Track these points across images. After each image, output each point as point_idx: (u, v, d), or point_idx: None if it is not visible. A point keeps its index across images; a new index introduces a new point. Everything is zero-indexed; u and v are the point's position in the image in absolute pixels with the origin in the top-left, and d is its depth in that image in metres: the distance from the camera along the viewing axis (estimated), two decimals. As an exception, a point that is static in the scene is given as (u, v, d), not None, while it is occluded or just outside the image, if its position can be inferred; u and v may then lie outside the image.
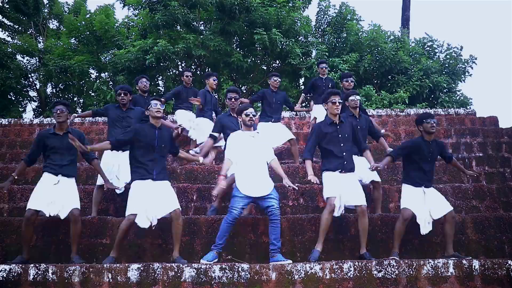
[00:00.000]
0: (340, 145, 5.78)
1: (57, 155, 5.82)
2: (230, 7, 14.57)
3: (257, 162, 5.57)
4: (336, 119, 5.88)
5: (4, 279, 4.84)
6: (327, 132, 5.83)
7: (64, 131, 5.89)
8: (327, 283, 4.81)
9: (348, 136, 5.85)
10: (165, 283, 4.79)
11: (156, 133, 5.64)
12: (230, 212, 5.37)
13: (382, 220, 5.96)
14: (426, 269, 4.87)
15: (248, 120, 5.72)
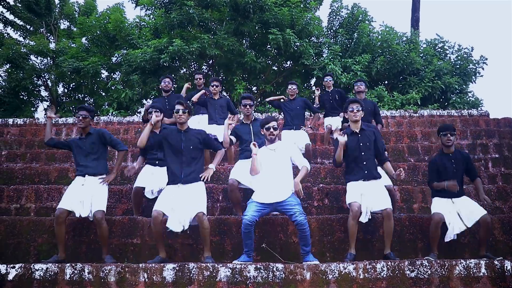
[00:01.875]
0: (361, 154, 5.84)
1: (81, 156, 5.95)
2: (244, 6, 14.62)
3: (275, 173, 5.59)
4: (356, 128, 5.95)
5: (41, 278, 4.89)
6: (347, 141, 5.88)
7: (86, 133, 6.02)
8: (361, 283, 4.83)
9: (369, 144, 5.90)
10: (200, 283, 4.82)
11: (183, 137, 5.71)
12: (243, 220, 5.35)
13: (410, 220, 6.00)
14: (458, 269, 4.89)
15: (268, 135, 5.78)
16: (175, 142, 5.65)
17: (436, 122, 11.33)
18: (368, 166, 5.81)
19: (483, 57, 16.22)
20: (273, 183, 5.51)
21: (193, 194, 5.56)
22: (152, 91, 15.03)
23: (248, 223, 5.30)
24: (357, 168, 5.83)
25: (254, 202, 5.47)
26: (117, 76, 17.57)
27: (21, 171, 8.17)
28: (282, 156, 5.71)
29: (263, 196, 5.47)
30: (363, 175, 5.78)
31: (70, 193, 5.73)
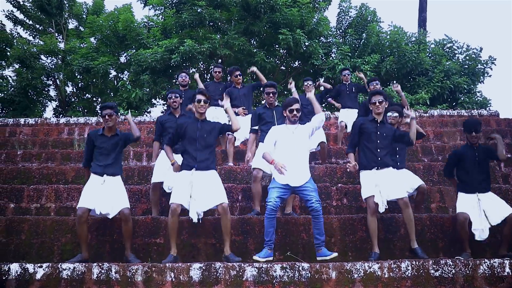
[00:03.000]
0: (377, 142, 5.88)
1: (102, 155, 5.93)
2: (255, 6, 14.66)
3: (294, 155, 5.64)
4: (378, 118, 6.01)
5: (68, 277, 4.95)
6: (365, 127, 5.97)
7: (112, 133, 6.01)
8: (386, 282, 4.88)
9: (386, 135, 5.94)
10: (227, 282, 4.87)
11: (199, 125, 5.83)
12: (267, 206, 5.42)
13: (431, 220, 6.04)
14: (482, 269, 4.93)
15: (292, 117, 5.81)
16: (191, 131, 5.77)
17: (446, 122, 11.35)
18: (382, 155, 5.85)
19: (491, 57, 16.26)
20: (292, 165, 5.53)
21: (211, 183, 5.62)
22: (162, 91, 15.06)
23: (272, 207, 5.36)
24: (371, 155, 5.86)
25: (275, 186, 5.51)
26: (126, 76, 17.62)
27: (38, 170, 8.21)
28: (301, 138, 5.76)
29: (284, 178, 5.49)
30: (377, 162, 5.82)
31: (89, 192, 5.74)
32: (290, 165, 5.54)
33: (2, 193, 7.29)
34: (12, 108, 16.88)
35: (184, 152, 5.81)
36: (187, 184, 5.56)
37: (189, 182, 5.57)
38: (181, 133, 5.82)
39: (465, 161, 5.95)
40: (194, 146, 5.73)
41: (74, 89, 18.77)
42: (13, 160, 9.25)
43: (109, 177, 5.86)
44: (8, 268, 4.98)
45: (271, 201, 5.39)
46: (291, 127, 5.82)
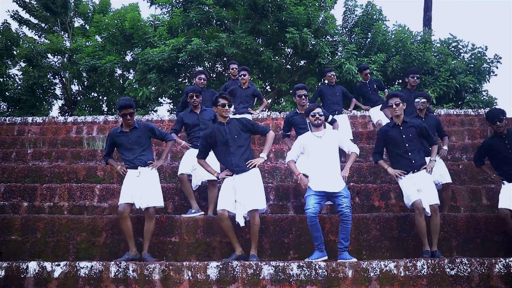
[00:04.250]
0: (405, 146, 5.90)
1: (128, 151, 5.97)
2: (262, 5, 14.68)
3: (326, 160, 5.66)
4: (398, 121, 6.01)
5: (86, 275, 4.99)
6: (390, 135, 6.00)
7: (131, 127, 6.03)
8: (402, 280, 4.91)
9: (412, 135, 5.95)
10: (244, 281, 4.91)
11: (226, 128, 5.79)
12: (306, 213, 5.45)
13: (444, 219, 6.04)
14: (498, 268, 4.94)
15: (314, 120, 5.86)
16: (221, 137, 5.75)
17: (454, 121, 11.35)
18: (414, 156, 5.88)
19: (497, 56, 16.25)
20: (326, 172, 5.59)
21: (249, 186, 5.60)
22: (169, 90, 15.08)
23: (312, 215, 5.38)
24: (403, 160, 5.89)
25: (313, 194, 5.53)
26: (132, 75, 17.64)
27: (49, 169, 8.24)
28: (330, 143, 5.78)
29: (320, 185, 5.54)
30: (411, 166, 5.84)
31: (127, 187, 5.80)
32: (324, 171, 5.60)
33: (16, 191, 7.33)
34: (18, 106, 16.91)
35: (220, 160, 5.87)
36: (231, 190, 5.60)
37: (232, 187, 5.61)
38: (211, 142, 5.80)
39: (497, 151, 5.97)
40: (227, 151, 5.73)
41: (80, 87, 18.79)
42: (23, 159, 9.28)
43: (143, 168, 5.90)
44: (27, 266, 5.03)
45: (309, 208, 5.42)
46: (318, 133, 5.85)
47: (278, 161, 8.78)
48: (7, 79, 17.26)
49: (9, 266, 5.03)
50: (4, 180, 8.05)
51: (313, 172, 5.67)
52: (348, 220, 5.39)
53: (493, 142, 6.03)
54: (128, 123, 5.96)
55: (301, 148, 5.89)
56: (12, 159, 9.28)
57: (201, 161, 5.91)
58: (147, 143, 6.09)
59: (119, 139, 6.02)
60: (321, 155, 5.69)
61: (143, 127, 6.08)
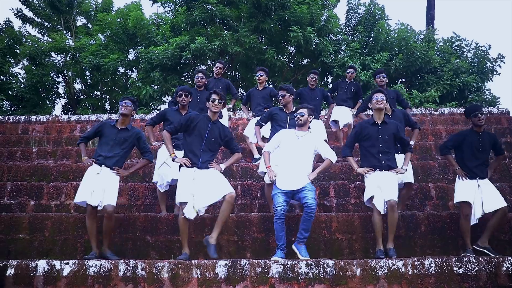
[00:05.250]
0: (379, 146, 5.90)
1: (107, 146, 5.91)
2: (266, 4, 14.69)
3: (296, 160, 5.73)
4: (379, 119, 6.02)
5: (95, 274, 4.99)
6: (367, 132, 5.99)
7: (123, 126, 6.01)
8: (410, 279, 4.91)
9: (388, 138, 5.93)
10: (253, 279, 4.92)
11: (210, 126, 5.76)
12: (274, 211, 5.53)
13: (451, 217, 6.06)
14: (506, 266, 4.94)
15: (296, 120, 5.94)
16: (201, 129, 5.72)
17: (457, 120, 11.37)
18: (384, 158, 5.86)
19: (500, 55, 16.26)
20: (293, 171, 5.67)
21: (214, 178, 5.59)
22: (172, 88, 15.08)
23: (282, 212, 5.46)
24: (373, 159, 5.89)
25: (278, 192, 5.61)
26: (135, 74, 17.66)
27: (55, 168, 8.26)
28: (306, 145, 5.84)
29: (283, 184, 5.61)
30: (380, 166, 5.84)
31: (85, 184, 5.76)
32: (291, 169, 5.68)
33: (22, 190, 7.36)
34: (21, 105, 16.95)
35: (188, 149, 5.75)
36: (190, 182, 5.55)
37: (191, 180, 5.56)
38: (190, 126, 5.73)
39: (469, 145, 5.98)
40: (200, 145, 5.69)
41: (83, 86, 18.82)
42: (28, 157, 9.30)
43: (106, 169, 5.82)
44: (36, 265, 5.03)
45: (279, 206, 5.49)
46: (299, 133, 5.91)
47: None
48: (10, 78, 17.30)
49: (18, 265, 5.04)
50: (10, 178, 8.08)
51: (281, 169, 5.74)
52: (312, 212, 5.41)
53: (469, 135, 6.03)
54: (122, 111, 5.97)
55: (279, 142, 5.95)
56: (18, 157, 9.29)
57: (167, 135, 5.80)
58: (127, 149, 6.03)
59: (107, 130, 5.95)
60: (293, 154, 5.76)
61: (133, 132, 6.02)
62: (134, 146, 6.11)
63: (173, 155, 5.77)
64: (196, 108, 7.50)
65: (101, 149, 5.92)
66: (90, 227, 5.67)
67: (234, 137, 6.19)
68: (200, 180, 5.55)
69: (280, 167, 5.79)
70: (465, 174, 5.95)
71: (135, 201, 7.28)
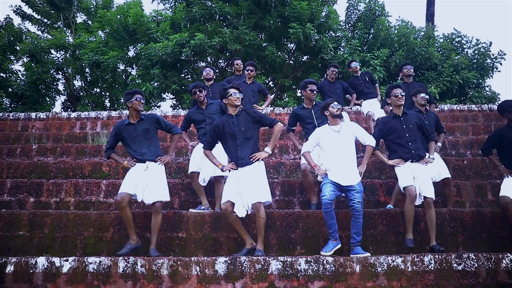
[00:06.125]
0: (405, 136, 5.99)
1: (135, 144, 5.94)
2: (265, 0, 14.67)
3: (343, 154, 5.72)
4: (399, 112, 6.13)
5: (95, 271, 5.00)
6: (391, 125, 6.09)
7: (138, 119, 6.01)
8: (409, 276, 4.92)
9: (412, 126, 6.04)
10: (252, 276, 4.92)
11: (235, 120, 5.76)
12: (321, 200, 5.51)
13: (451, 214, 6.06)
14: (505, 263, 4.95)
15: (336, 111, 5.90)
16: (229, 128, 5.72)
17: (457, 117, 11.35)
18: (414, 147, 5.96)
19: (501, 52, 16.23)
20: (344, 165, 5.65)
21: (253, 179, 5.58)
22: (172, 85, 15.06)
23: (328, 201, 5.44)
24: (403, 149, 5.98)
25: (329, 182, 5.60)
26: (134, 70, 17.64)
27: (55, 165, 8.27)
28: (347, 137, 5.83)
29: (338, 177, 5.60)
30: (411, 155, 5.92)
31: (131, 178, 5.79)
32: (340, 164, 5.66)
33: (22, 187, 7.36)
34: (21, 102, 16.93)
35: (228, 153, 5.82)
36: (234, 180, 5.59)
37: (235, 178, 5.60)
38: (219, 133, 5.77)
39: (508, 142, 5.96)
40: (234, 144, 5.70)
41: (83, 83, 18.79)
42: (28, 154, 9.30)
43: (151, 162, 5.88)
44: (35, 262, 5.04)
45: (325, 195, 5.48)
46: (335, 127, 5.90)
47: (283, 156, 8.81)
48: (10, 75, 17.27)
49: (18, 262, 5.05)
50: (10, 175, 8.09)
51: (330, 164, 5.72)
52: (359, 215, 5.44)
53: (505, 132, 6.04)
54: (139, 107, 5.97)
55: (318, 140, 5.93)
56: (17, 154, 9.29)
57: (207, 152, 5.89)
58: (154, 135, 6.07)
59: (126, 131, 5.97)
60: (338, 149, 5.75)
61: (150, 119, 6.05)
62: (157, 130, 6.13)
63: (221, 166, 5.84)
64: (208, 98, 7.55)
65: (133, 148, 5.96)
66: (126, 217, 5.65)
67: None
68: (243, 178, 5.57)
69: (329, 165, 5.75)
70: (510, 172, 5.92)
71: (134, 198, 7.26)
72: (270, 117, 5.99)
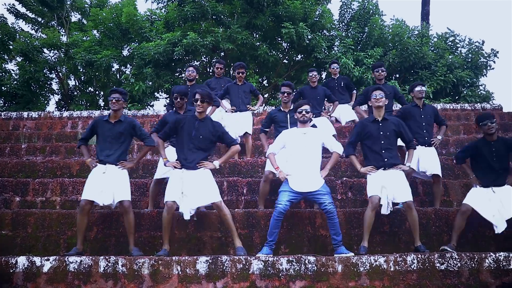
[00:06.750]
0: (381, 142, 5.85)
1: (105, 143, 5.86)
2: (258, 0, 14.63)
3: (306, 158, 5.67)
4: (378, 116, 5.98)
5: (75, 270, 4.96)
6: (368, 129, 5.95)
7: (116, 119, 5.95)
8: (392, 275, 4.88)
9: (390, 134, 5.89)
10: (233, 275, 4.88)
11: (197, 124, 5.72)
12: (276, 207, 5.47)
13: (436, 213, 6.04)
14: (488, 262, 4.92)
15: (301, 117, 5.85)
16: (188, 128, 5.69)
17: (450, 116, 11.32)
18: (387, 155, 5.81)
19: (494, 50, 16.23)
20: (305, 171, 5.60)
21: (202, 180, 5.57)
22: (165, 84, 15.03)
23: (281, 211, 5.40)
24: (376, 156, 5.85)
25: (287, 190, 5.54)
26: (129, 70, 17.61)
27: (43, 164, 8.23)
28: (313, 141, 5.77)
29: (297, 184, 5.55)
30: (383, 164, 5.80)
31: (92, 183, 5.70)
32: (302, 169, 5.61)
33: (8, 186, 7.31)
34: (15, 101, 16.89)
35: (178, 150, 5.78)
36: (179, 180, 5.55)
37: (180, 179, 5.56)
38: (178, 128, 5.73)
39: (482, 156, 5.92)
40: (187, 145, 5.66)
41: (76, 82, 18.76)
42: (17, 153, 9.26)
43: (111, 166, 5.78)
44: (16, 261, 4.99)
45: (281, 204, 5.43)
46: (303, 130, 5.85)
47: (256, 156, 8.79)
48: (3, 74, 17.22)
49: (-2, 261, 5.01)
50: (-4, 175, 8.04)
51: (293, 169, 5.67)
52: (333, 216, 5.38)
53: (480, 145, 5.97)
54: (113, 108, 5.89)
55: (284, 142, 5.89)
56: (6, 154, 9.26)
57: (159, 141, 5.84)
58: (127, 141, 5.99)
59: (101, 127, 5.90)
60: (301, 152, 5.70)
61: (128, 123, 5.96)
62: (132, 136, 6.06)
63: (165, 160, 5.80)
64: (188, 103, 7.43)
65: (101, 147, 5.89)
66: (80, 223, 5.59)
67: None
68: (188, 180, 5.53)
69: (291, 166, 5.70)
70: (479, 183, 5.91)
71: (121, 197, 7.23)
72: (231, 137, 5.99)
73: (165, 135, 5.86)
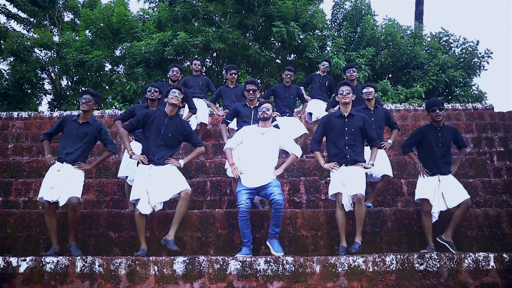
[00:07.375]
0: (345, 138, 5.80)
1: (68, 141, 5.82)
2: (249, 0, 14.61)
3: (261, 158, 5.67)
4: (345, 111, 5.92)
5: (52, 270, 4.93)
6: (333, 124, 5.89)
7: (84, 120, 5.92)
8: (370, 276, 4.86)
9: (355, 130, 5.84)
10: (210, 276, 4.86)
11: (167, 121, 5.71)
12: (239, 209, 5.45)
13: (418, 214, 6.00)
14: (467, 263, 4.90)
15: (261, 114, 5.84)
16: (157, 124, 5.68)
17: (440, 116, 11.27)
18: (350, 152, 5.76)
19: (488, 51, 16.21)
20: (258, 168, 5.61)
21: (170, 174, 5.59)
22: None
23: (245, 209, 5.38)
24: (339, 152, 5.79)
25: (242, 189, 5.54)
26: (121, 69, 17.57)
27: (28, 164, 8.19)
28: (270, 142, 5.77)
29: (250, 181, 5.56)
30: (345, 160, 5.74)
31: (45, 180, 5.65)
32: (256, 166, 5.62)
33: (-10, 186, 7.28)
34: (6, 101, 16.83)
35: (145, 145, 5.75)
36: (145, 179, 5.53)
37: (147, 176, 5.55)
38: (147, 122, 5.70)
39: (428, 142, 5.93)
40: (156, 141, 5.65)
41: (69, 82, 18.70)
42: (3, 153, 9.22)
43: (67, 165, 5.71)
44: (-9, 262, 4.96)
45: (242, 203, 5.41)
46: (262, 129, 5.84)
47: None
48: (-6, 74, 17.19)
49: (-26, 262, 4.97)
50: (-19, 175, 8.00)
51: (246, 166, 5.68)
52: (280, 207, 5.35)
53: (427, 131, 5.98)
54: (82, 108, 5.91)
55: (242, 138, 5.89)
56: (-8, 154, 9.22)
57: (124, 132, 5.78)
58: (90, 143, 5.94)
59: (68, 125, 5.87)
60: (257, 152, 5.70)
61: (95, 126, 5.93)
62: (96, 139, 6.02)
63: (131, 152, 5.74)
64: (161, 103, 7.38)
65: (63, 144, 5.85)
66: (49, 224, 5.60)
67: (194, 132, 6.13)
68: (156, 176, 5.53)
69: (245, 164, 5.73)
70: (427, 171, 5.90)
71: (103, 197, 7.21)
72: (197, 138, 6.03)
73: (131, 127, 5.81)
